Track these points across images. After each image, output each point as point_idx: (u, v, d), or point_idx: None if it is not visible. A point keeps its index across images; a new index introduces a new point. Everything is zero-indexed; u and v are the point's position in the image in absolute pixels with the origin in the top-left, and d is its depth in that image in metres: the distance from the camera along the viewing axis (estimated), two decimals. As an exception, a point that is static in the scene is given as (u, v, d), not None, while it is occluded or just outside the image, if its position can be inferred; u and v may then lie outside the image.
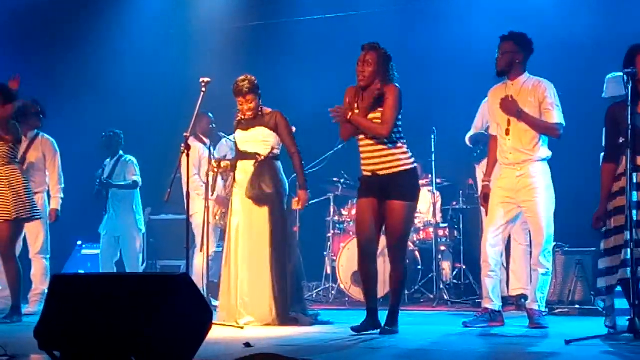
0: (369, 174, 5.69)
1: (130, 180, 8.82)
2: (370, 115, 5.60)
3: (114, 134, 8.93)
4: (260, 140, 6.53)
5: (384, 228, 5.71)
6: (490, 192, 6.12)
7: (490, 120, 6.30)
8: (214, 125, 8.53)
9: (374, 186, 5.67)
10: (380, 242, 5.89)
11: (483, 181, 6.25)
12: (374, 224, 5.67)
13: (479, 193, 6.12)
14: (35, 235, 7.76)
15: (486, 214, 6.27)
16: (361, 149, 5.72)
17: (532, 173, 5.94)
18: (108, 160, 8.94)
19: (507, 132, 5.97)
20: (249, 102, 6.52)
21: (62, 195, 7.99)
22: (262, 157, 6.49)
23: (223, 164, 6.83)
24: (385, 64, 5.64)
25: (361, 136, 5.68)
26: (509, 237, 6.92)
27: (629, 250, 4.84)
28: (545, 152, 6.01)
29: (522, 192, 5.93)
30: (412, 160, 5.69)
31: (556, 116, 5.93)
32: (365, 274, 5.73)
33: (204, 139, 8.38)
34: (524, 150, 5.94)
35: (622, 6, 8.91)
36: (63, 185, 8.02)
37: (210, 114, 8.47)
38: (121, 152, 8.96)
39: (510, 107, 5.90)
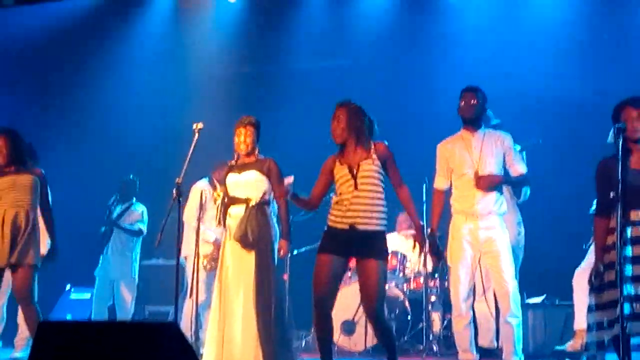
0: (345, 227, 5.51)
1: (137, 227, 8.84)
2: (365, 167, 5.53)
3: (129, 180, 9.01)
4: (252, 184, 6.53)
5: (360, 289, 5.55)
6: (441, 247, 6.16)
7: (441, 173, 6.31)
8: None
9: (345, 241, 5.50)
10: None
11: (432, 235, 6.13)
12: (333, 283, 5.51)
13: (431, 247, 6.09)
14: None
15: (448, 267, 6.26)
16: (341, 201, 5.55)
17: (494, 225, 6.08)
18: (120, 205, 8.97)
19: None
20: (248, 135, 6.54)
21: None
22: (253, 202, 6.48)
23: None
24: (357, 118, 5.59)
25: (345, 185, 5.55)
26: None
27: (627, 305, 4.84)
28: (505, 206, 6.19)
29: (486, 243, 6.03)
30: (386, 222, 5.62)
31: (524, 166, 6.25)
32: (321, 332, 5.56)
33: (219, 186, 8.37)
34: (490, 202, 6.06)
35: (600, 65, 9.03)
36: None
37: None
38: (134, 199, 9.00)
39: (492, 180, 6.01)
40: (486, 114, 7.68)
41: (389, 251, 8.68)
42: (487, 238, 6.03)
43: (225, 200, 6.61)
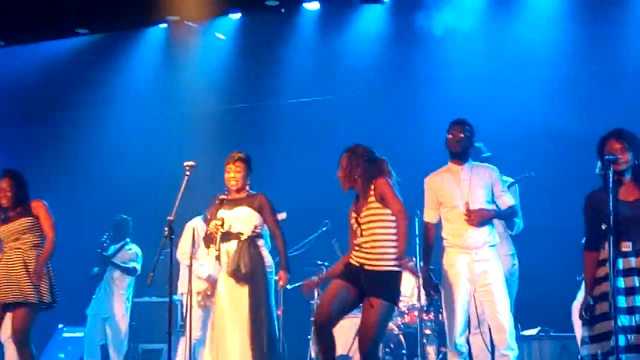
0: (357, 264, 5.60)
1: (131, 265, 8.82)
2: (364, 213, 5.56)
3: (122, 219, 9.00)
4: (244, 219, 6.51)
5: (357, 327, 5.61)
6: (436, 283, 6.14)
7: (430, 206, 6.30)
8: None
9: (357, 276, 5.56)
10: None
11: (425, 271, 6.16)
12: (337, 300, 5.54)
13: (426, 284, 6.08)
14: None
15: (444, 303, 6.21)
16: (356, 240, 5.63)
17: (489, 257, 6.05)
18: (114, 244, 8.97)
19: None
20: (237, 170, 6.52)
21: None
22: (245, 237, 6.46)
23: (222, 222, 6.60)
24: (356, 164, 5.62)
25: (357, 231, 5.61)
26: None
27: (622, 336, 4.83)
28: (498, 237, 6.19)
29: (481, 276, 6.00)
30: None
31: (512, 197, 6.25)
32: (320, 346, 5.56)
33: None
34: (483, 234, 6.04)
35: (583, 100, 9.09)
36: None
37: None
38: (127, 239, 8.99)
39: (483, 215, 6.00)
40: (477, 147, 7.72)
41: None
42: (482, 271, 6.00)
43: (223, 230, 6.54)
